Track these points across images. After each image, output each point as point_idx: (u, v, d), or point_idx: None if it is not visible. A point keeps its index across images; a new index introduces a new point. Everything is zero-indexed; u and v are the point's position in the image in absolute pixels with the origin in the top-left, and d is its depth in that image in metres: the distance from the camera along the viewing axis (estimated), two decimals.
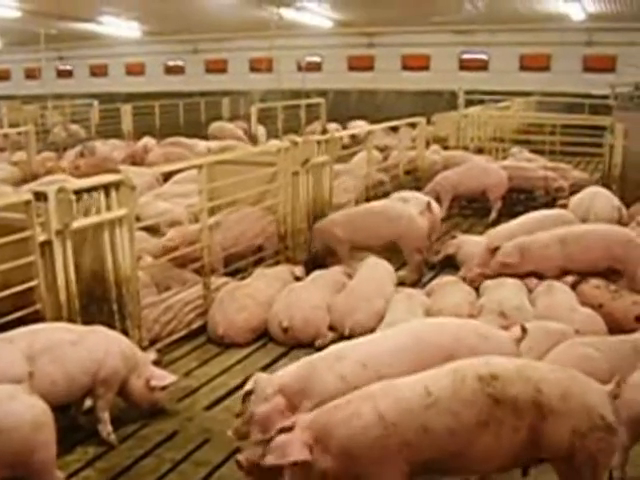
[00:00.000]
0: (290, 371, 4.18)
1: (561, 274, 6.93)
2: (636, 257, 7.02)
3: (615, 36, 24.63)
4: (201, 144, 16.53)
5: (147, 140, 17.18)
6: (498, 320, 5.78)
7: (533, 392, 3.41)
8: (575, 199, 9.56)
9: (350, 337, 5.52)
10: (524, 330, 4.47)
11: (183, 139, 17.28)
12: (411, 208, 8.52)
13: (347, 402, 3.51)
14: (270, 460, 3.47)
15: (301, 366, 4.19)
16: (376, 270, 7.24)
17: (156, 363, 5.15)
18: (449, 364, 3.60)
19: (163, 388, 5.05)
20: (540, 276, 6.97)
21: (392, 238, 8.09)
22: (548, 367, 3.74)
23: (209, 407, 5.34)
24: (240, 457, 3.75)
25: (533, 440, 3.42)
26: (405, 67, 28.80)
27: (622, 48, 24.28)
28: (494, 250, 7.21)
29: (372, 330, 5.95)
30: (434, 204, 9.15)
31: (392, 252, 8.19)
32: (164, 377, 5.06)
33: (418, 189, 10.85)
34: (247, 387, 4.14)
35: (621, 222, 8.89)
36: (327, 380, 4.01)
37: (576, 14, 22.77)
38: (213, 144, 16.52)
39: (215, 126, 21.16)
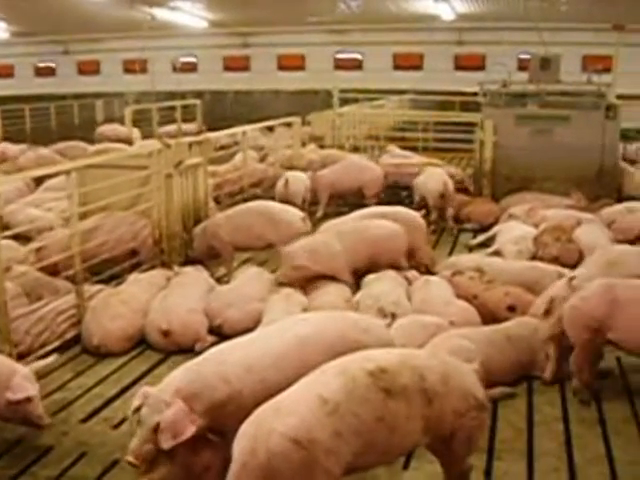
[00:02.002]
0: (178, 375, 4.05)
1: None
2: (421, 238, 7.94)
3: (484, 35, 25.45)
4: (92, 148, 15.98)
5: (4, 146, 16.59)
6: (377, 316, 5.83)
7: (419, 380, 3.51)
8: (417, 180, 11.12)
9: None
10: (393, 316, 4.57)
11: (80, 143, 16.72)
12: (295, 211, 8.53)
13: (252, 437, 3.29)
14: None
15: (188, 369, 4.09)
16: (254, 275, 7.21)
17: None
18: (331, 366, 3.58)
19: (19, 402, 4.63)
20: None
21: (272, 240, 7.99)
22: (425, 354, 3.95)
23: (85, 419, 5.15)
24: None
25: (421, 425, 3.52)
26: (281, 67, 28.93)
27: (490, 47, 25.12)
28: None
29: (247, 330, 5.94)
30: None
31: None
32: (21, 389, 4.64)
33: None
34: (135, 403, 3.95)
35: (446, 197, 10.76)
36: (213, 384, 3.93)
37: (446, 14, 23.36)
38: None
39: (106, 127, 20.60)
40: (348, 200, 11.61)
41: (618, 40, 15.41)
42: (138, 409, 3.89)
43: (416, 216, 8.28)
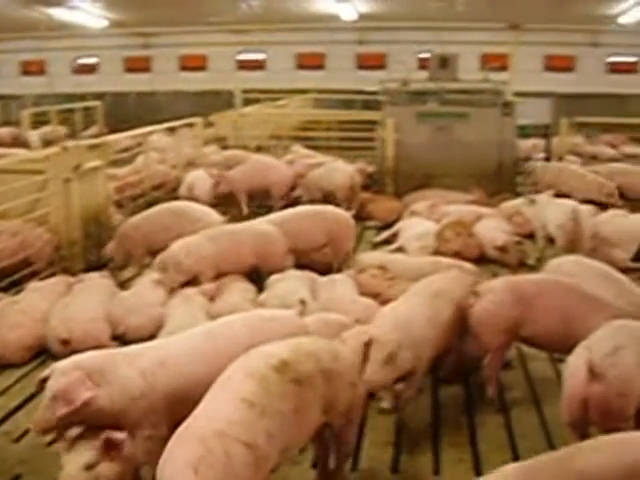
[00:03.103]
0: (89, 354, 4.01)
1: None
2: (350, 239, 8.17)
3: (384, 35, 25.76)
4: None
5: None
6: None
7: (316, 363, 3.62)
8: (316, 172, 11.27)
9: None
10: (302, 303, 4.61)
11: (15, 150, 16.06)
12: (211, 210, 8.58)
13: (199, 439, 3.06)
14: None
15: (101, 353, 4.06)
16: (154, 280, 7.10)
17: None
18: (235, 370, 3.55)
19: None
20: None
21: None
22: (311, 339, 4.04)
23: None
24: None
25: (322, 406, 3.61)
26: (183, 68, 28.64)
27: (390, 46, 25.44)
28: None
29: (150, 336, 5.88)
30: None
31: None
32: None
33: None
34: (43, 374, 3.89)
35: (354, 190, 10.95)
36: (126, 372, 3.89)
37: (348, 14, 23.54)
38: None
39: (3, 131, 19.98)
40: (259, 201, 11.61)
41: (514, 39, 15.84)
42: (44, 380, 3.85)
43: (348, 216, 8.35)
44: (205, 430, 3.09)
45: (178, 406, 3.83)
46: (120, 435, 3.69)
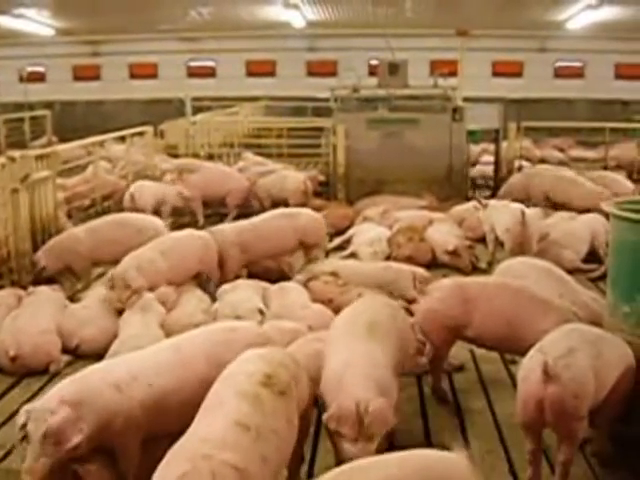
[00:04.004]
0: (63, 386, 3.90)
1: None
2: (320, 235, 8.45)
3: (334, 42, 25.85)
4: None
5: None
6: None
7: (288, 370, 3.68)
8: (267, 180, 11.47)
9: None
10: (261, 312, 4.61)
11: None
12: (154, 218, 8.60)
13: (188, 459, 2.99)
14: None
15: (73, 380, 3.97)
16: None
17: None
18: (222, 388, 3.53)
19: None
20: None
21: None
22: (271, 349, 4.04)
23: None
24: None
25: (298, 411, 3.66)
26: (133, 75, 28.40)
27: (341, 53, 25.53)
28: None
29: (104, 347, 5.84)
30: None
31: None
32: None
33: None
34: (20, 421, 3.71)
35: (307, 194, 11.20)
36: (103, 390, 3.85)
37: (297, 22, 23.58)
38: None
39: None
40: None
41: (462, 45, 15.97)
42: (24, 426, 3.67)
43: (320, 217, 8.65)
44: (195, 452, 3.03)
45: (153, 418, 3.92)
46: (89, 466, 3.67)
